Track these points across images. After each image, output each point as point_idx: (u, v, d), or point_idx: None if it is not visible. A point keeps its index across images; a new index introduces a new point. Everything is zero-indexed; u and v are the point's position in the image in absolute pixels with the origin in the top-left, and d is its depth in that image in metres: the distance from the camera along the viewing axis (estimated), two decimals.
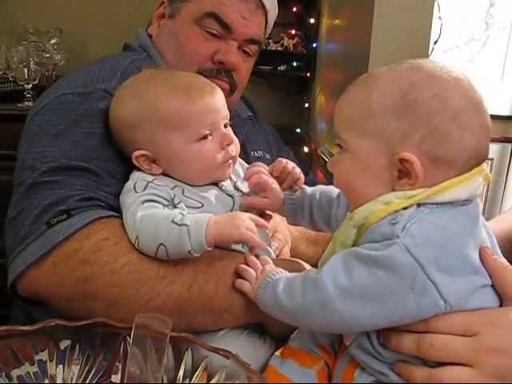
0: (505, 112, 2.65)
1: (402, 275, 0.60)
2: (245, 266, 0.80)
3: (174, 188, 0.86)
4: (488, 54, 2.66)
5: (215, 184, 0.90)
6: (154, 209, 0.80)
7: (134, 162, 0.87)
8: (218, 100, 0.88)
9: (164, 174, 0.88)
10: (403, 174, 0.64)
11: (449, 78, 0.64)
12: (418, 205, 0.63)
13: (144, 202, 0.81)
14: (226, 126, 0.90)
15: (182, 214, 0.78)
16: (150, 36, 1.16)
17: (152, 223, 0.77)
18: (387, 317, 0.62)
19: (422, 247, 0.60)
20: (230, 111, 0.90)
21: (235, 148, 0.91)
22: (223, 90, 1.07)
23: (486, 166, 0.67)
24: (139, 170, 0.88)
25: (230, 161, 0.90)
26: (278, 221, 1.02)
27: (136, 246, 0.78)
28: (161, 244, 0.76)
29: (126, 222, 0.81)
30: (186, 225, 0.75)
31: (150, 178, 0.85)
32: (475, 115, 0.64)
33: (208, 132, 0.86)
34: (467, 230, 0.64)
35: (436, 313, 0.62)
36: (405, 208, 0.63)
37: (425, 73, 0.65)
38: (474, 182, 0.65)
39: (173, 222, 0.76)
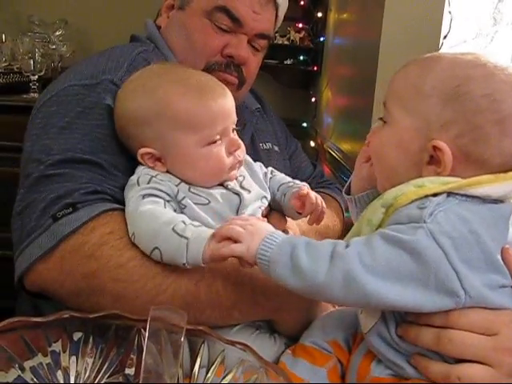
0: None
1: (426, 260, 0.59)
2: (229, 226, 0.71)
3: (179, 184, 0.85)
4: (495, 50, 2.64)
5: (221, 184, 0.88)
6: (154, 205, 0.78)
7: (139, 159, 0.85)
8: (229, 104, 0.87)
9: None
10: (433, 160, 0.65)
11: (508, 81, 0.64)
12: (449, 194, 0.63)
13: (144, 196, 0.79)
14: (232, 131, 0.89)
15: (184, 222, 0.75)
16: (159, 27, 1.15)
17: (152, 225, 0.75)
18: (407, 299, 0.61)
19: (447, 235, 0.59)
20: (237, 106, 0.89)
21: (242, 152, 0.89)
22: (232, 84, 1.06)
23: None
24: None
25: (237, 165, 0.89)
26: None
27: (132, 240, 0.78)
28: (156, 248, 0.75)
29: (126, 216, 0.80)
30: (187, 238, 0.73)
31: (154, 172, 0.84)
32: None
33: (218, 137, 0.85)
34: (493, 228, 0.63)
35: (456, 303, 0.61)
36: (435, 194, 0.63)
37: (485, 69, 0.64)
38: (510, 184, 0.64)
39: (173, 230, 0.74)
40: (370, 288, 0.60)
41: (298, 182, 0.99)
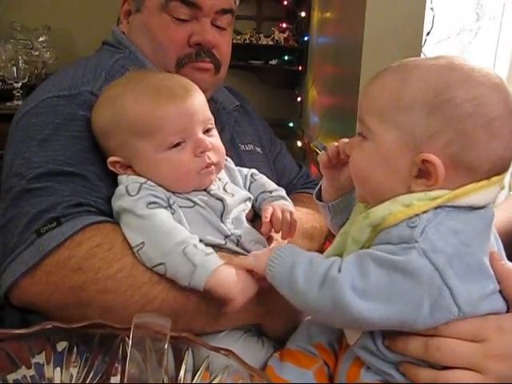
0: None
1: (420, 280, 0.59)
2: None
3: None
4: (479, 45, 2.65)
5: (204, 189, 0.87)
6: (164, 215, 0.78)
7: (110, 167, 0.85)
8: (192, 104, 0.84)
9: None
10: (423, 173, 0.63)
11: (487, 83, 0.62)
12: (436, 207, 0.61)
13: (148, 204, 0.79)
14: (208, 131, 0.87)
15: (195, 246, 0.76)
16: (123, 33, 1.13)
17: (164, 242, 0.76)
18: (400, 320, 0.60)
19: (440, 252, 0.59)
20: (214, 100, 0.85)
21: (215, 154, 0.87)
22: (208, 70, 1.05)
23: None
24: None
25: (212, 167, 0.86)
26: None
27: (134, 249, 0.77)
28: (162, 264, 0.75)
29: (130, 226, 0.79)
30: (195, 265, 0.73)
31: (142, 179, 0.83)
32: (508, 124, 0.62)
33: (180, 140, 0.83)
34: (481, 235, 0.63)
35: (448, 319, 0.61)
36: (425, 211, 0.61)
37: (462, 74, 0.63)
38: (494, 190, 0.64)
39: (184, 253, 0.74)
40: (359, 314, 0.60)
41: (277, 190, 0.98)
